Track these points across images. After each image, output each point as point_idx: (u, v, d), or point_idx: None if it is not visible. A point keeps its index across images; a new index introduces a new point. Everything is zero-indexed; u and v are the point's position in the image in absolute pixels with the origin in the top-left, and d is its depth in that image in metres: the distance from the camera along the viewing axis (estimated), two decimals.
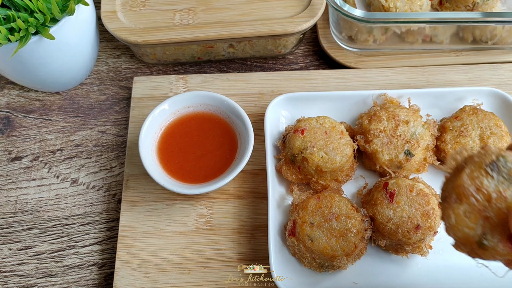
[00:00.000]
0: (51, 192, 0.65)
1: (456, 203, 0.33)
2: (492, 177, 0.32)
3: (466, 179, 0.32)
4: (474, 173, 0.32)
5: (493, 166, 0.32)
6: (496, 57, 0.72)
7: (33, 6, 0.57)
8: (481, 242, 0.31)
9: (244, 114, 0.60)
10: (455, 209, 0.32)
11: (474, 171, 0.32)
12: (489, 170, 0.32)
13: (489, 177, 0.32)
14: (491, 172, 0.32)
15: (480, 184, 0.32)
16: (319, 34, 0.75)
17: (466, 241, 0.32)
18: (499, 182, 0.31)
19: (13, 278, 0.59)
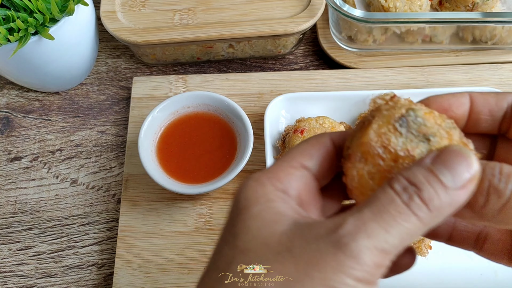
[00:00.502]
0: (51, 192, 0.65)
1: (360, 163, 0.27)
2: (401, 134, 0.27)
3: (372, 136, 0.27)
4: (382, 129, 0.27)
5: (402, 121, 0.27)
6: (496, 57, 0.72)
7: (33, 6, 0.56)
8: None
9: (243, 114, 0.60)
10: (359, 169, 0.27)
11: (381, 127, 0.27)
12: (398, 126, 0.27)
13: (397, 133, 0.27)
14: (399, 128, 0.27)
15: (388, 141, 0.27)
16: (319, 34, 0.75)
17: None
18: (408, 139, 0.27)
19: (12, 279, 0.59)
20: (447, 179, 0.24)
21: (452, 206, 0.24)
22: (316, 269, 0.22)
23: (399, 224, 0.23)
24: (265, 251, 0.24)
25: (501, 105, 0.30)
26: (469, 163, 0.24)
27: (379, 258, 0.23)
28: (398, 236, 0.23)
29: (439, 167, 0.24)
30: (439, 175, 0.24)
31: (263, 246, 0.24)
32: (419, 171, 0.24)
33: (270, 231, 0.25)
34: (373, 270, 0.23)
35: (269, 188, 0.26)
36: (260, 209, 0.26)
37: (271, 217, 0.25)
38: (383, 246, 0.23)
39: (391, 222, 0.23)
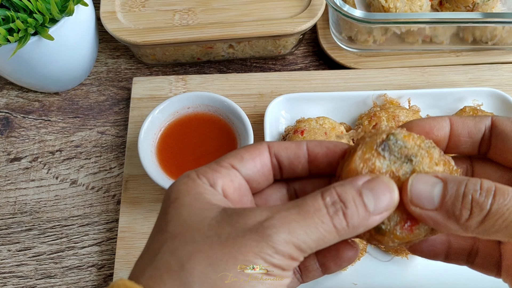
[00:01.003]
0: (50, 193, 0.64)
1: None
2: (384, 157, 0.30)
3: (358, 162, 0.30)
4: (366, 155, 0.30)
5: (384, 146, 0.30)
6: (496, 57, 0.72)
7: (32, 7, 0.56)
8: (378, 227, 0.29)
9: (243, 114, 0.60)
10: None
11: (365, 153, 0.30)
12: (380, 150, 0.30)
13: (381, 157, 0.30)
14: (382, 152, 0.30)
15: (373, 166, 0.30)
16: (319, 35, 0.75)
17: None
18: (391, 161, 0.30)
19: (12, 279, 0.59)
20: (370, 204, 0.27)
21: (365, 227, 0.28)
22: (240, 252, 0.26)
23: (319, 231, 0.26)
24: (194, 234, 0.27)
25: (479, 127, 0.32)
26: (392, 195, 0.28)
27: (295, 253, 0.26)
28: (315, 240, 0.26)
29: (366, 192, 0.28)
30: (364, 199, 0.27)
31: (193, 230, 0.27)
32: (350, 190, 0.28)
33: (200, 217, 0.27)
34: (287, 260, 0.26)
35: (198, 182, 0.29)
36: (190, 199, 0.28)
37: (201, 205, 0.28)
38: (300, 245, 0.26)
39: (312, 228, 0.26)
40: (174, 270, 0.26)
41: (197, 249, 0.26)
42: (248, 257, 0.25)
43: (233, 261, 0.25)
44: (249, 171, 0.31)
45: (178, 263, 0.26)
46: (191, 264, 0.25)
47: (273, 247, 0.26)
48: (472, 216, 0.27)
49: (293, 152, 0.32)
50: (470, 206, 0.27)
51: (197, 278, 0.25)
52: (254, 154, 0.31)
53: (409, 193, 0.28)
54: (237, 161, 0.31)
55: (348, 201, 0.27)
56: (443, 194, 0.28)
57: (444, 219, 0.28)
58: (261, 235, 0.26)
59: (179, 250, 0.26)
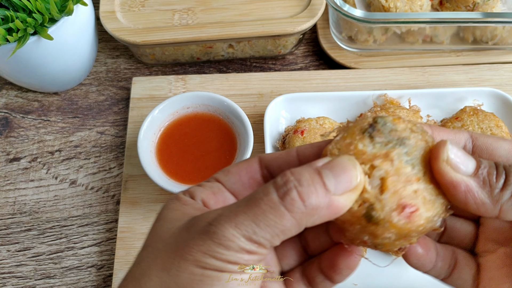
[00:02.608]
0: (50, 193, 0.64)
1: None
2: (372, 140, 0.27)
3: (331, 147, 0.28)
4: (346, 140, 0.28)
5: (372, 128, 0.27)
6: (496, 57, 0.72)
7: (32, 7, 0.56)
8: (369, 214, 0.26)
9: (243, 114, 0.60)
10: None
11: (345, 138, 0.28)
12: (367, 134, 0.27)
13: (365, 140, 0.27)
14: (368, 135, 0.27)
15: (354, 149, 0.27)
16: (319, 34, 0.75)
17: (353, 219, 0.27)
18: (382, 144, 0.27)
19: (11, 280, 0.59)
20: (330, 183, 0.25)
21: (330, 210, 0.25)
22: (189, 253, 0.25)
23: (267, 217, 0.24)
24: (158, 244, 0.27)
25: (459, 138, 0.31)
26: (355, 174, 0.26)
27: (248, 246, 0.25)
28: (266, 229, 0.24)
29: (326, 171, 0.26)
30: (324, 177, 0.25)
31: (159, 240, 0.27)
32: (307, 170, 0.26)
33: (169, 227, 0.28)
34: (244, 255, 0.25)
35: (182, 197, 0.30)
36: (168, 213, 0.29)
37: (175, 217, 0.28)
38: (252, 237, 0.24)
39: (260, 216, 0.24)
40: (136, 278, 0.27)
41: (157, 256, 0.27)
42: (197, 256, 0.25)
43: (183, 262, 0.25)
44: (234, 185, 0.30)
45: (140, 271, 0.27)
46: (150, 270, 0.26)
47: (219, 243, 0.25)
48: (507, 184, 0.27)
49: (284, 160, 0.31)
50: (505, 176, 0.27)
51: (153, 283, 0.26)
52: (241, 168, 0.31)
53: (446, 152, 0.27)
54: (223, 175, 0.31)
55: (303, 179, 0.25)
56: (477, 165, 0.27)
57: (478, 187, 0.27)
58: (207, 233, 0.25)
59: (144, 259, 0.27)
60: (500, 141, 0.31)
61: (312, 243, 0.33)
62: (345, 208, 0.26)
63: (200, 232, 0.25)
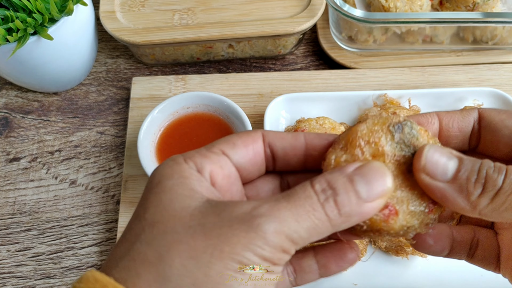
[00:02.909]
0: (50, 193, 0.64)
1: (341, 150, 0.29)
2: (393, 138, 0.28)
3: (362, 129, 0.28)
4: (375, 127, 0.29)
5: (398, 126, 0.28)
6: (496, 57, 0.72)
7: (32, 7, 0.56)
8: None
9: (243, 114, 0.60)
10: (338, 156, 0.28)
11: (375, 125, 0.29)
12: (392, 129, 0.28)
13: (389, 136, 0.28)
14: (393, 131, 0.28)
15: (377, 139, 0.28)
16: (319, 34, 0.75)
17: None
18: (398, 144, 0.28)
19: (11, 280, 0.59)
20: (363, 190, 0.26)
21: (360, 216, 0.26)
22: (227, 244, 0.23)
23: (310, 219, 0.25)
24: (175, 223, 0.24)
25: (467, 120, 0.32)
26: (385, 181, 0.26)
27: (286, 244, 0.24)
28: (307, 229, 0.25)
29: (358, 178, 0.26)
30: (356, 185, 0.26)
31: (174, 219, 0.25)
32: (340, 177, 0.26)
33: (182, 205, 0.25)
34: (278, 253, 0.24)
35: (184, 166, 0.27)
36: (173, 183, 0.26)
37: (184, 192, 0.26)
38: (292, 235, 0.24)
39: (303, 216, 0.25)
40: (151, 262, 0.23)
41: (178, 239, 0.24)
42: (236, 249, 0.23)
43: (218, 253, 0.23)
44: (240, 159, 0.29)
45: (156, 254, 0.23)
46: (171, 256, 0.23)
47: (263, 238, 0.24)
48: (485, 191, 0.26)
49: (289, 143, 0.31)
50: (484, 181, 0.26)
51: (177, 272, 0.23)
52: (247, 142, 0.30)
53: (423, 159, 0.27)
54: (229, 148, 0.29)
55: (338, 188, 0.25)
56: (458, 168, 0.27)
57: (454, 193, 0.27)
58: (250, 225, 0.24)
59: (158, 240, 0.24)
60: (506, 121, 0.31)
61: None
62: (374, 212, 0.26)
63: (238, 221, 0.24)
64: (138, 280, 0.23)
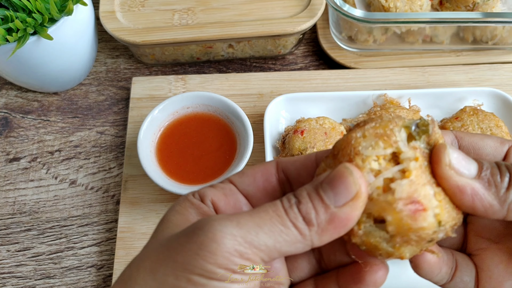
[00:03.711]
0: (50, 193, 0.64)
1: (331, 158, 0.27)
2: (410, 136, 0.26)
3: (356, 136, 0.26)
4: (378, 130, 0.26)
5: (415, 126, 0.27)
6: (496, 57, 0.72)
7: (31, 6, 0.56)
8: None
9: (243, 114, 0.60)
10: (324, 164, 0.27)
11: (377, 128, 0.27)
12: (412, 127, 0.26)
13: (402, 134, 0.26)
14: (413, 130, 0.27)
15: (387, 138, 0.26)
16: (319, 34, 0.75)
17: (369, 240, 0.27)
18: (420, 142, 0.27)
19: (11, 280, 0.59)
20: (329, 198, 0.24)
21: (335, 224, 0.24)
22: (178, 253, 0.23)
23: (273, 224, 0.24)
24: (155, 245, 0.26)
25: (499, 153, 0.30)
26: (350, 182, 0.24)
27: (243, 248, 0.23)
28: (271, 236, 0.23)
29: (325, 185, 0.25)
30: (322, 194, 0.25)
31: (155, 242, 0.26)
32: (307, 187, 0.25)
33: (169, 231, 0.26)
34: (235, 258, 0.23)
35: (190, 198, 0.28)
36: (172, 216, 0.27)
37: (178, 222, 0.27)
38: (252, 240, 0.23)
39: (266, 220, 0.24)
40: (124, 281, 0.25)
41: (146, 258, 0.25)
42: (186, 257, 0.23)
43: (172, 264, 0.23)
44: (248, 186, 0.29)
45: (129, 274, 0.25)
46: (138, 273, 0.25)
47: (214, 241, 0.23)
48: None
49: (301, 164, 0.30)
50: (509, 174, 0.26)
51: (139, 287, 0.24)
52: (257, 170, 0.30)
53: (447, 156, 0.26)
54: (237, 177, 0.30)
55: (302, 196, 0.25)
56: (480, 166, 0.27)
57: (484, 189, 0.26)
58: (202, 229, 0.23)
59: (134, 261, 0.26)
60: (485, 139, 0.30)
61: (327, 257, 0.32)
62: (351, 219, 0.25)
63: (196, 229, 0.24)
64: None
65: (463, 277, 0.32)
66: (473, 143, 0.30)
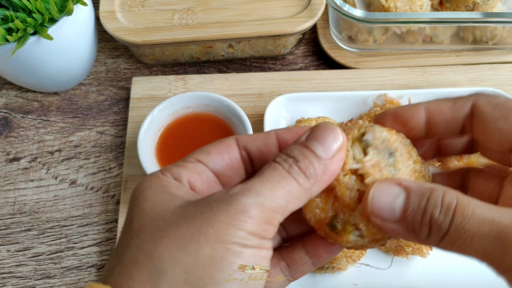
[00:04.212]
0: (50, 193, 0.64)
1: None
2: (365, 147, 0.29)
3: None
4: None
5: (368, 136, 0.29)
6: (496, 57, 0.72)
7: (31, 6, 0.56)
8: (333, 224, 0.28)
9: (243, 114, 0.60)
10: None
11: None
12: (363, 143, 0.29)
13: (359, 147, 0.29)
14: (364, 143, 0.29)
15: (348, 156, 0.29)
16: (319, 34, 0.75)
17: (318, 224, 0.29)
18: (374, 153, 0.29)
19: (11, 280, 0.59)
20: (319, 151, 0.27)
21: (328, 173, 0.27)
22: (210, 226, 0.24)
23: (282, 186, 0.26)
24: (159, 223, 0.25)
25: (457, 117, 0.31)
26: (336, 135, 0.28)
27: (267, 214, 0.25)
28: (283, 196, 0.26)
29: (311, 142, 0.27)
30: (312, 148, 0.27)
31: (158, 220, 0.26)
32: (296, 147, 0.28)
33: (164, 207, 0.26)
34: (263, 224, 0.25)
35: (162, 177, 0.29)
36: (152, 193, 0.28)
37: (164, 196, 0.27)
38: (270, 204, 0.25)
39: (275, 184, 0.26)
40: (142, 262, 0.24)
41: (163, 235, 0.24)
42: (220, 229, 0.24)
43: (204, 237, 0.24)
44: (216, 165, 0.30)
45: (146, 254, 0.24)
46: (159, 251, 0.24)
47: (244, 211, 0.24)
48: (431, 234, 0.26)
49: (262, 142, 0.31)
50: (429, 225, 0.26)
51: (167, 264, 0.23)
52: (221, 148, 0.31)
53: (369, 205, 0.27)
54: (203, 156, 0.30)
55: (296, 155, 0.27)
56: (404, 207, 0.27)
57: (405, 232, 0.27)
58: (229, 202, 0.24)
59: (146, 242, 0.25)
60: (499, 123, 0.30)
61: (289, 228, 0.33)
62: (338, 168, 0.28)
63: (219, 203, 0.25)
64: (133, 281, 0.24)
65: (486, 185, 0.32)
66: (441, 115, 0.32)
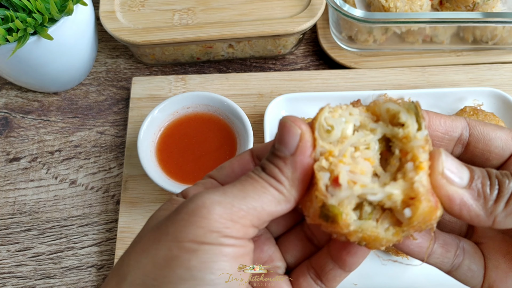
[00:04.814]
0: (50, 193, 0.64)
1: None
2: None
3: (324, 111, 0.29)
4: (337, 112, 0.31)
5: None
6: (496, 57, 0.72)
7: (31, 6, 0.56)
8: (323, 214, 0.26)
9: (243, 114, 0.60)
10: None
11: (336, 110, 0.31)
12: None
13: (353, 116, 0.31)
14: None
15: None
16: (319, 34, 0.75)
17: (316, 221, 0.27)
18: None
19: (11, 280, 0.59)
20: (282, 151, 0.27)
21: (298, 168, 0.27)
22: (170, 225, 0.24)
23: (255, 188, 0.26)
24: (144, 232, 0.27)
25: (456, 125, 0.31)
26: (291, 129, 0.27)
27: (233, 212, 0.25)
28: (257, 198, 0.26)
29: (276, 145, 0.27)
30: (276, 152, 0.27)
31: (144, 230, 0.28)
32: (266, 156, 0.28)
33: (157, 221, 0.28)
34: (226, 222, 0.24)
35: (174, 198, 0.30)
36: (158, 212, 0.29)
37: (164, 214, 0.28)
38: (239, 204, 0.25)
39: (247, 186, 0.26)
40: (115, 268, 0.26)
41: (137, 241, 0.26)
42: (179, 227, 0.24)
43: (164, 238, 0.24)
44: (227, 178, 0.31)
45: (119, 262, 0.26)
46: (128, 256, 0.25)
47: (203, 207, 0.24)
48: (500, 195, 0.26)
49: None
50: (498, 185, 0.27)
51: (131, 268, 0.25)
52: (233, 161, 0.32)
53: (441, 164, 0.26)
54: (215, 171, 0.31)
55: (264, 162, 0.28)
56: (471, 175, 0.27)
57: (473, 199, 0.27)
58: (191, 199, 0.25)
59: (126, 252, 0.27)
60: (497, 131, 0.30)
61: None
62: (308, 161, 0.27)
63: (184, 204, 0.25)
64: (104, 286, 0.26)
65: (471, 265, 0.32)
66: (485, 133, 0.30)
